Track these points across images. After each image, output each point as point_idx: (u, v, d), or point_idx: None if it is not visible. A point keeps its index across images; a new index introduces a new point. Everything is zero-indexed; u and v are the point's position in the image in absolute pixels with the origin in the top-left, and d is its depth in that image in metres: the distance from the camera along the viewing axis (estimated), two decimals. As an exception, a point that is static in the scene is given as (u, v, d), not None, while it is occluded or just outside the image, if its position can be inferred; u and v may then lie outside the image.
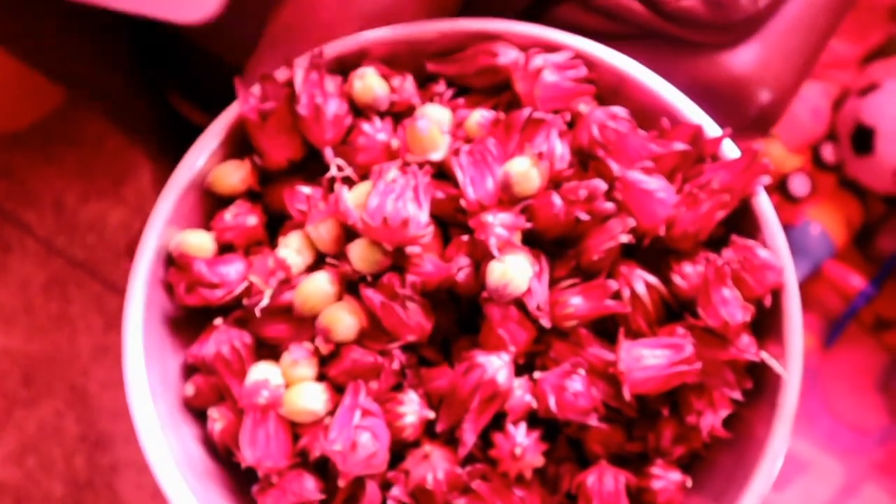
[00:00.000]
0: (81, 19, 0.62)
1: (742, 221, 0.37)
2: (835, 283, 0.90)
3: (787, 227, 0.88)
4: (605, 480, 0.35)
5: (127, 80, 0.69)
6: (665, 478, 0.35)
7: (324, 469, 0.35)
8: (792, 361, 0.35)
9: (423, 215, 0.34)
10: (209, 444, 0.37)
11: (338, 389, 0.35)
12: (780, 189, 0.88)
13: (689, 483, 0.36)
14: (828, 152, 0.88)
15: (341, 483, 0.33)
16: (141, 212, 0.90)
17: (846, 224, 0.88)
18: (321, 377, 0.35)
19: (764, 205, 0.36)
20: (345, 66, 0.38)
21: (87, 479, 0.86)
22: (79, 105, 0.96)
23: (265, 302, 0.35)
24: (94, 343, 0.92)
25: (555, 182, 0.35)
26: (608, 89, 0.38)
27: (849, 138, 0.85)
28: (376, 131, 0.37)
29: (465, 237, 0.34)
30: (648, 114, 0.37)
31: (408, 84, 0.38)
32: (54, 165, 0.97)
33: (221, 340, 0.36)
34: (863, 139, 0.84)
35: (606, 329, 0.35)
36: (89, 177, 0.97)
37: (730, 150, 0.36)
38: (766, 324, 0.36)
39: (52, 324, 0.92)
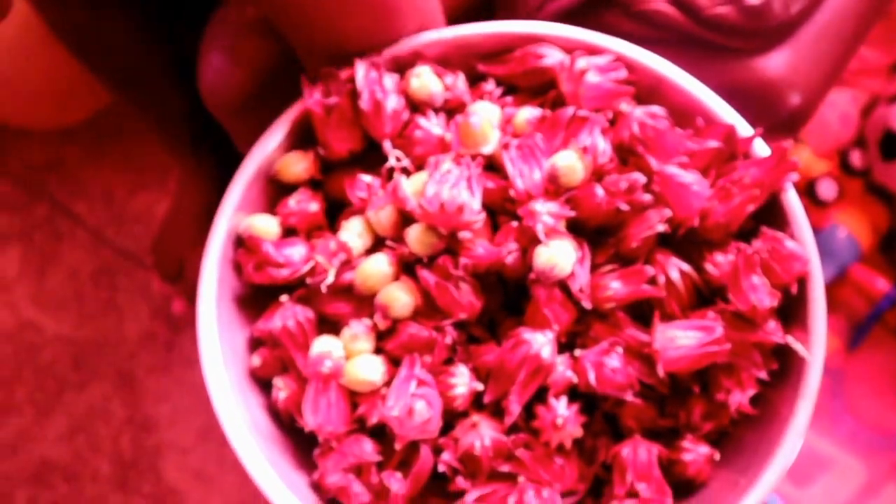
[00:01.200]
0: (130, 11, 0.64)
1: (771, 215, 0.39)
2: (860, 287, 0.91)
3: (815, 231, 0.90)
4: (639, 452, 0.37)
5: (165, 73, 0.72)
6: (695, 451, 0.38)
7: (379, 435, 0.38)
8: (815, 345, 0.37)
9: (476, 203, 0.37)
10: (273, 411, 0.40)
11: (394, 362, 0.38)
12: (807, 193, 0.90)
13: (717, 457, 0.38)
14: (856, 158, 0.90)
15: (397, 446, 0.36)
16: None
17: (873, 228, 0.90)
18: (378, 351, 0.38)
19: (792, 200, 0.39)
20: (401, 66, 0.41)
21: (132, 459, 0.90)
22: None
23: (330, 280, 0.38)
24: (141, 329, 0.96)
25: (597, 175, 0.38)
26: (647, 90, 0.40)
27: (877, 144, 0.87)
28: (432, 126, 0.40)
29: (514, 224, 0.37)
30: (684, 113, 0.40)
31: (460, 82, 0.41)
32: (104, 159, 1.01)
33: (287, 315, 0.39)
34: (891, 145, 0.85)
35: (643, 312, 0.38)
36: (137, 170, 1.01)
37: (761, 148, 0.39)
38: (793, 310, 0.38)
39: (100, 311, 0.96)
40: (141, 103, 0.75)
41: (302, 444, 0.40)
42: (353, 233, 0.39)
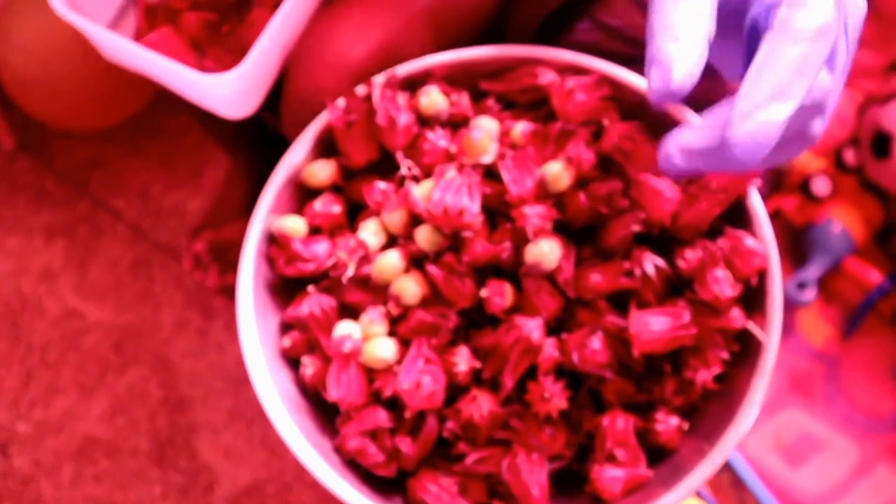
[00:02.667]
0: None
1: (738, 216, 0.44)
2: (854, 278, 0.96)
3: (810, 225, 0.95)
4: (617, 422, 0.43)
5: None
6: (666, 422, 0.44)
7: (392, 407, 0.44)
8: (772, 330, 0.42)
9: (476, 206, 0.42)
10: (300, 386, 0.46)
11: (404, 343, 0.44)
12: (802, 189, 0.95)
13: (686, 427, 0.44)
14: (849, 156, 0.94)
15: (407, 415, 0.42)
16: (213, 199, 1.00)
17: (866, 223, 0.94)
18: (391, 334, 0.44)
19: (755, 203, 0.44)
20: (412, 84, 0.47)
21: (168, 437, 0.97)
22: (164, 103, 1.07)
23: (350, 272, 0.44)
24: (175, 317, 1.02)
25: (582, 181, 0.43)
26: (631, 105, 0.46)
27: (869, 143, 0.91)
28: (438, 138, 0.45)
29: (508, 225, 0.43)
30: (661, 125, 0.45)
31: (464, 99, 0.47)
32: (141, 158, 1.08)
33: (313, 303, 0.45)
34: (882, 144, 0.90)
35: (621, 301, 0.44)
36: (172, 168, 1.08)
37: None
38: (754, 300, 0.44)
39: (138, 299, 1.03)
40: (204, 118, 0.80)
41: (325, 414, 0.46)
42: (369, 232, 0.45)
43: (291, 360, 0.47)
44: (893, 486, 0.92)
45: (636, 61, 0.48)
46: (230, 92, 0.52)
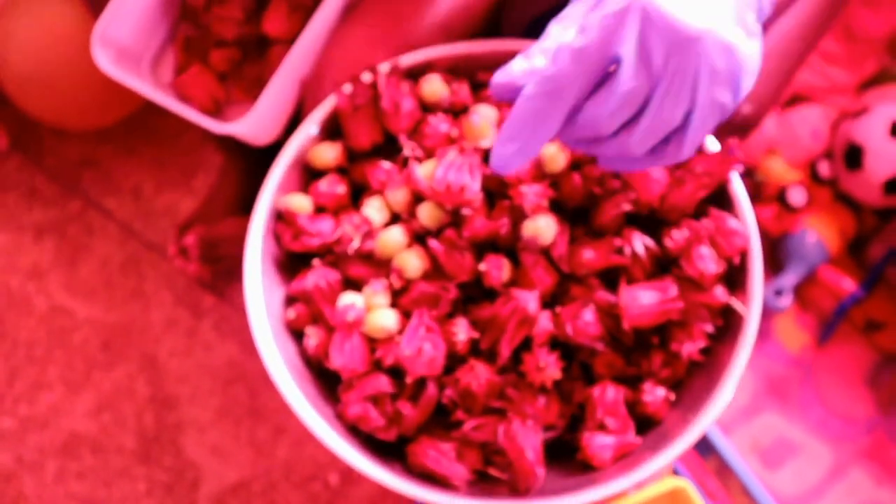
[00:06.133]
0: None
1: (722, 200, 0.47)
2: (828, 287, 0.99)
3: (787, 235, 0.98)
4: (607, 392, 0.45)
5: None
6: (654, 393, 0.46)
7: (393, 376, 0.46)
8: (752, 306, 0.45)
9: (476, 185, 0.45)
10: (304, 356, 0.48)
11: (406, 315, 0.46)
12: (779, 199, 0.99)
13: (672, 398, 0.46)
14: (823, 168, 0.98)
15: (408, 380, 0.44)
16: (201, 199, 1.02)
17: (840, 233, 0.98)
18: (393, 305, 0.46)
19: (737, 187, 0.47)
20: (415, 73, 0.49)
21: (154, 434, 0.97)
22: (157, 105, 1.09)
23: (356, 244, 0.46)
24: (164, 316, 1.03)
25: (576, 163, 0.46)
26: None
27: (842, 155, 0.95)
28: (439, 122, 0.48)
29: (507, 203, 0.45)
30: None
31: (464, 89, 0.49)
32: (134, 158, 1.09)
33: (318, 276, 0.47)
34: (853, 156, 0.94)
35: (612, 279, 0.46)
36: (164, 169, 1.09)
37: (712, 144, 0.47)
38: (736, 278, 0.46)
39: (127, 298, 1.04)
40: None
41: (328, 383, 0.48)
42: (373, 209, 0.47)
43: (295, 333, 0.49)
44: (867, 489, 0.95)
45: None
46: (249, 130, 0.62)
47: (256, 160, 0.89)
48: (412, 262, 0.45)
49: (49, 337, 1.02)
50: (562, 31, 0.37)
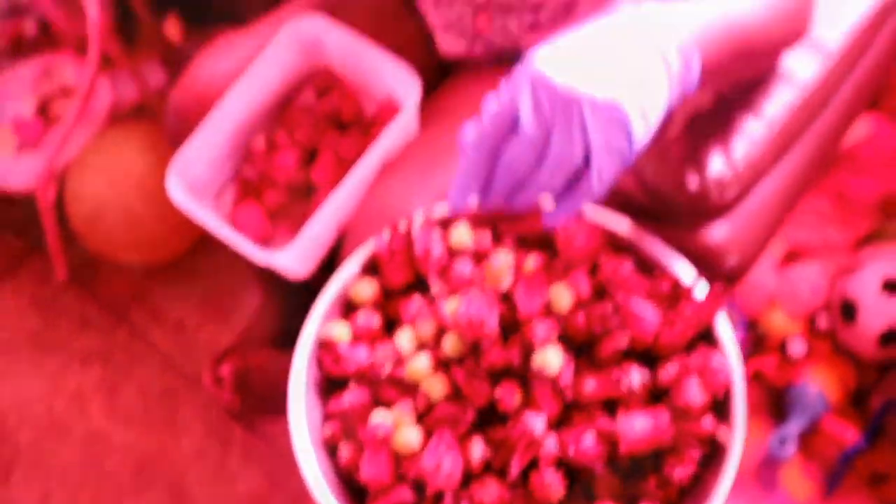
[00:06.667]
0: None
1: (710, 337, 0.54)
2: (832, 437, 1.03)
3: (789, 386, 1.03)
4: (607, 511, 0.50)
5: None
6: (649, 513, 0.51)
7: (414, 489, 0.51)
8: (736, 436, 0.50)
9: (494, 320, 0.52)
10: (337, 470, 0.54)
11: (428, 434, 0.52)
12: (780, 350, 1.04)
13: (666, 519, 0.51)
14: (822, 320, 1.04)
15: (429, 492, 0.50)
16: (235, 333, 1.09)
17: (841, 383, 1.03)
18: (417, 423, 0.52)
19: (722, 327, 0.53)
20: (444, 222, 0.58)
21: (177, 561, 1.01)
22: (205, 245, 1.19)
23: (387, 370, 0.53)
24: (195, 446, 1.09)
25: (581, 305, 0.53)
26: (625, 243, 0.56)
27: (838, 310, 1.02)
28: (464, 266, 0.56)
29: (519, 337, 0.52)
30: (650, 263, 0.55)
31: (486, 237, 0.57)
32: (181, 294, 1.19)
33: (353, 397, 0.53)
34: (848, 311, 1.00)
35: (612, 404, 0.52)
36: (207, 307, 1.18)
37: (700, 290, 0.54)
38: (724, 410, 0.52)
39: (162, 426, 1.10)
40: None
41: (358, 494, 0.53)
42: (404, 339, 0.54)
43: (328, 448, 0.55)
44: None
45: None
46: (289, 262, 0.70)
47: (291, 300, 0.97)
48: (436, 387, 0.52)
49: (83, 461, 1.07)
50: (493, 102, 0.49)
